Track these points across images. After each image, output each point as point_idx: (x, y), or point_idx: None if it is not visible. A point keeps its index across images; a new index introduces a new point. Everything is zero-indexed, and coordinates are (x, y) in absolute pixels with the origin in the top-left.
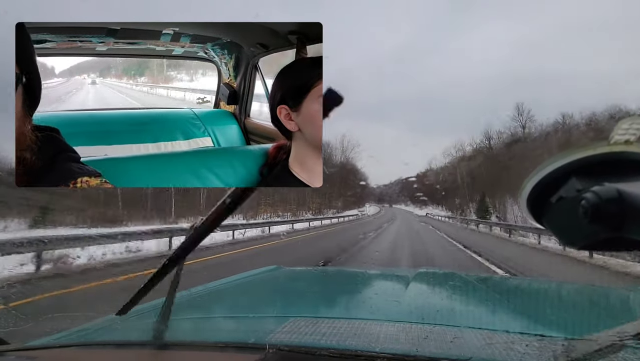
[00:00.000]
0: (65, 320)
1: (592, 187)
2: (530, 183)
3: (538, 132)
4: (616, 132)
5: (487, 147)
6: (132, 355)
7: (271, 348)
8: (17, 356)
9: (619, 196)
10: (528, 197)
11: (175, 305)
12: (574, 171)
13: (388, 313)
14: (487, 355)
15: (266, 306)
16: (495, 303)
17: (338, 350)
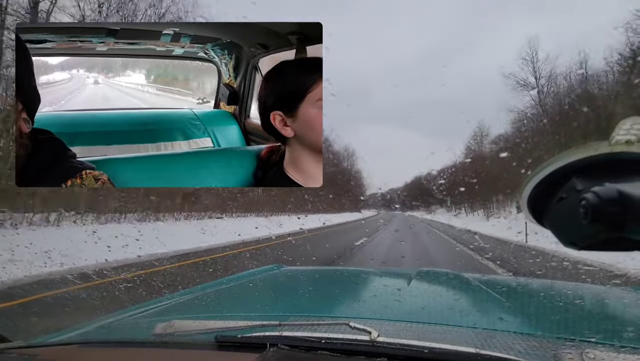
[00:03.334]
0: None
1: (593, 187)
2: (531, 183)
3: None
4: (617, 132)
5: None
6: (133, 354)
7: (271, 347)
8: (19, 353)
9: (619, 196)
10: (529, 197)
11: (175, 304)
12: (575, 171)
13: (388, 313)
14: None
15: (266, 305)
16: (496, 303)
17: (338, 349)
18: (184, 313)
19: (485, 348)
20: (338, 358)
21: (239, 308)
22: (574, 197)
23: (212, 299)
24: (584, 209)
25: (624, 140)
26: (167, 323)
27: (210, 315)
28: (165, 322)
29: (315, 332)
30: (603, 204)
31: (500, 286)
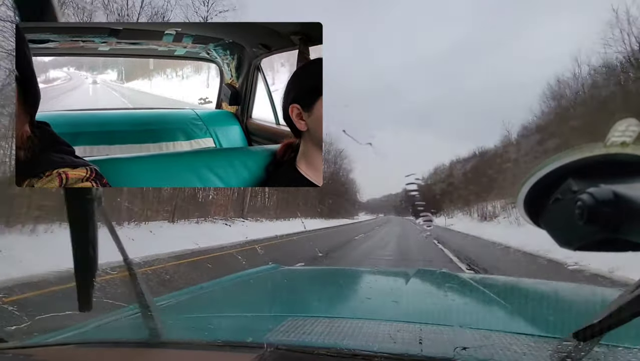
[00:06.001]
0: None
1: (588, 188)
2: (527, 184)
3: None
4: (612, 134)
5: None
6: (131, 354)
7: (269, 347)
8: (14, 354)
9: (614, 197)
10: (525, 198)
11: (173, 304)
12: (571, 172)
13: (386, 313)
14: (485, 355)
15: (264, 305)
16: (493, 302)
17: (336, 349)
18: (182, 313)
19: (483, 348)
20: (335, 358)
21: (238, 308)
22: (570, 198)
23: (210, 299)
24: (580, 210)
25: (619, 142)
26: (165, 323)
27: (208, 315)
28: (164, 322)
29: (313, 332)
30: (598, 205)
31: (498, 286)
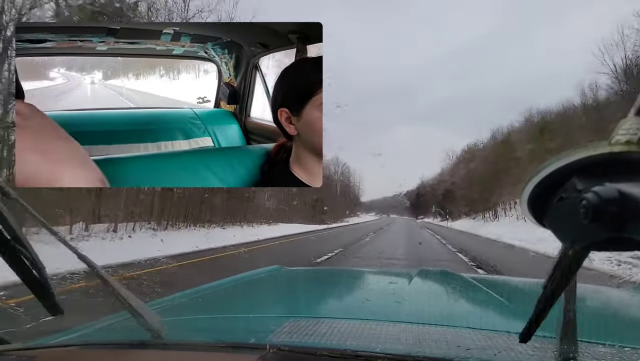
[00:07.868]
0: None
1: (593, 187)
2: (531, 183)
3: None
4: (617, 132)
5: None
6: (134, 355)
7: (271, 348)
8: (17, 355)
9: (620, 196)
10: (529, 197)
11: (175, 305)
12: (575, 171)
13: (388, 313)
14: (487, 355)
15: (267, 306)
16: (496, 303)
17: (338, 350)
18: (185, 314)
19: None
20: (338, 359)
21: (240, 308)
22: (574, 197)
23: (212, 300)
24: (584, 209)
25: (624, 140)
26: (167, 324)
27: (210, 316)
28: (165, 323)
29: (315, 333)
30: (603, 204)
31: (500, 286)
